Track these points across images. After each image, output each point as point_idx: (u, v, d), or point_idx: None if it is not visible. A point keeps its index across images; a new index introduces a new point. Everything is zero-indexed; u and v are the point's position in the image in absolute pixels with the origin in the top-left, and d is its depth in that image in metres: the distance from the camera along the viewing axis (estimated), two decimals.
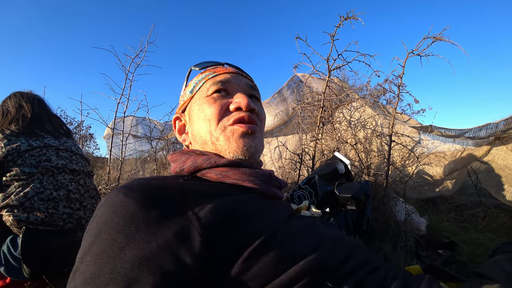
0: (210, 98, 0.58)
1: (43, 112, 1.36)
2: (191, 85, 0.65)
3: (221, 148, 0.55)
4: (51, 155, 1.20)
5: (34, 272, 1.05)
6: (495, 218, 2.35)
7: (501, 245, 0.63)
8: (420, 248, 1.62)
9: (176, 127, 0.68)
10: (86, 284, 0.32)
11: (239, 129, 0.55)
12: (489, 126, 2.06)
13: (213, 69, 0.64)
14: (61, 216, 1.14)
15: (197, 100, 0.60)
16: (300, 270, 0.40)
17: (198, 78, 0.64)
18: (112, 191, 0.41)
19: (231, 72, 0.63)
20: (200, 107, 0.59)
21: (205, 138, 0.57)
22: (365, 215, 1.42)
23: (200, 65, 0.66)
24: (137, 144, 4.76)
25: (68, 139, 1.37)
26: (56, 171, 1.19)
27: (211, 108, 0.56)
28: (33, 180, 1.12)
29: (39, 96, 1.44)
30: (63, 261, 1.10)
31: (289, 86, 3.64)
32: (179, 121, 0.68)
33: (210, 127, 0.56)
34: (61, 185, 1.18)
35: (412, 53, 1.81)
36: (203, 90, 0.60)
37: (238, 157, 0.54)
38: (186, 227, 0.37)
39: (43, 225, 1.10)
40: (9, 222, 1.07)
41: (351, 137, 2.44)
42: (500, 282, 0.47)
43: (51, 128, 1.33)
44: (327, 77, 2.08)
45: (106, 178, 3.09)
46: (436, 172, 2.69)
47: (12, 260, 1.06)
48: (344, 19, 1.86)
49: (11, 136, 1.15)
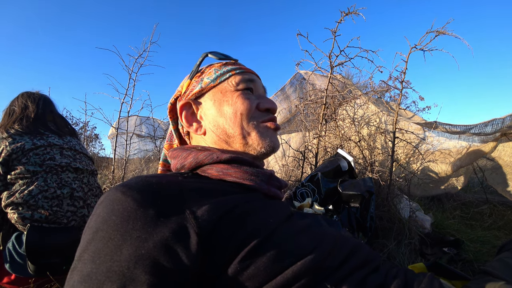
0: (242, 93, 0.59)
1: (47, 112, 1.38)
2: (211, 73, 0.62)
3: (251, 142, 0.57)
4: (55, 154, 1.21)
5: (38, 269, 1.06)
6: (502, 215, 2.32)
7: (507, 243, 0.61)
8: (424, 246, 1.60)
9: (183, 114, 0.62)
10: (83, 282, 0.33)
11: (271, 127, 0.59)
12: (495, 121, 2.03)
13: (235, 64, 0.63)
14: (65, 214, 1.16)
15: (224, 91, 0.59)
16: (298, 270, 0.40)
17: (221, 69, 0.62)
18: (110, 189, 0.41)
19: (253, 72, 0.65)
20: (230, 99, 0.58)
21: (232, 131, 0.57)
22: (369, 212, 1.41)
23: (217, 55, 0.64)
24: (141, 143, 4.80)
25: (73, 138, 1.39)
26: (60, 169, 1.20)
27: (245, 103, 0.57)
28: (37, 178, 1.13)
29: (46, 96, 1.45)
30: (67, 258, 1.11)
31: (291, 84, 3.63)
32: (188, 107, 0.62)
33: (241, 121, 0.57)
34: (65, 183, 1.19)
35: (415, 48, 1.78)
36: (230, 83, 0.59)
37: (265, 151, 0.57)
38: (183, 225, 0.37)
39: (47, 222, 1.11)
40: (14, 219, 1.08)
41: (354, 134, 2.42)
42: (506, 279, 0.46)
43: (55, 128, 1.34)
44: (329, 73, 2.06)
45: (110, 177, 3.12)
46: (441, 169, 2.66)
47: (17, 257, 1.08)
48: (345, 14, 1.84)
49: (15, 135, 1.17)
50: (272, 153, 0.59)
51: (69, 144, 1.31)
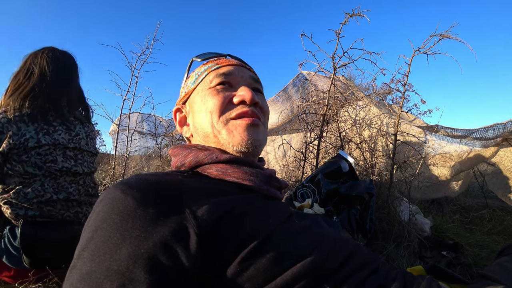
0: (213, 90, 0.57)
1: (65, 90, 1.26)
2: (193, 76, 0.64)
3: (223, 142, 0.55)
4: (57, 155, 1.16)
5: (33, 262, 1.06)
6: (501, 220, 2.32)
7: (506, 247, 0.61)
8: (423, 249, 1.60)
9: (177, 119, 0.67)
10: (82, 281, 0.32)
11: (243, 122, 0.55)
12: (497, 126, 2.03)
13: (216, 60, 0.63)
14: (59, 212, 1.15)
15: (200, 92, 0.60)
16: (297, 272, 0.40)
17: (201, 69, 0.63)
18: (110, 188, 0.41)
19: (234, 64, 0.62)
20: (202, 99, 0.58)
21: (206, 130, 0.57)
22: (369, 214, 1.41)
23: (202, 56, 0.65)
24: (142, 140, 4.80)
25: (83, 126, 1.30)
26: (59, 174, 1.16)
27: (214, 100, 0.56)
28: (35, 181, 1.10)
29: (74, 61, 1.34)
30: (62, 253, 1.10)
31: (294, 84, 3.62)
32: (179, 113, 0.67)
33: (212, 120, 0.56)
34: (61, 188, 1.16)
35: (419, 51, 1.78)
36: (206, 82, 0.60)
37: (241, 150, 0.54)
38: (182, 225, 0.37)
39: (41, 217, 1.10)
40: (7, 214, 1.08)
41: (356, 136, 2.42)
42: (504, 283, 0.46)
43: (67, 110, 1.24)
44: (332, 75, 2.06)
45: (111, 173, 3.12)
46: (442, 173, 2.65)
47: (12, 249, 1.08)
48: (349, 16, 1.84)
49: (21, 122, 1.09)
50: (254, 150, 0.55)
51: (75, 140, 1.23)
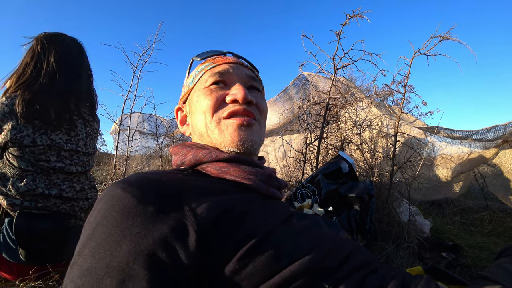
0: (207, 89, 0.58)
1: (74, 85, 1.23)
2: (191, 76, 0.65)
3: (216, 141, 0.55)
4: (51, 155, 1.15)
5: (29, 255, 1.06)
6: (501, 222, 2.31)
7: (506, 248, 0.62)
8: (423, 250, 1.60)
9: (178, 118, 0.68)
10: (83, 277, 0.33)
11: (234, 122, 0.54)
12: (497, 128, 2.03)
13: (213, 59, 0.63)
14: (54, 204, 1.15)
15: (196, 91, 0.60)
16: (296, 270, 0.40)
17: (198, 69, 0.64)
18: (110, 186, 0.41)
19: (231, 62, 0.62)
20: (197, 99, 0.59)
21: (201, 130, 0.58)
22: (369, 215, 1.41)
23: (201, 55, 0.65)
24: (143, 140, 4.80)
25: (85, 125, 1.28)
26: (52, 171, 1.16)
27: (207, 100, 0.56)
28: (27, 175, 1.11)
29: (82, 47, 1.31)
30: (57, 245, 1.11)
31: (295, 85, 3.62)
32: (181, 112, 0.68)
33: (205, 120, 0.56)
34: (53, 185, 1.16)
35: (419, 52, 1.78)
36: (201, 82, 0.60)
37: (233, 150, 0.54)
38: (182, 222, 0.37)
39: (37, 209, 1.11)
40: (4, 205, 1.09)
41: (356, 137, 2.42)
42: (503, 283, 0.46)
43: (74, 107, 1.22)
44: (333, 76, 2.07)
45: (112, 173, 3.13)
46: (442, 174, 2.65)
47: (10, 242, 1.08)
48: (350, 17, 1.84)
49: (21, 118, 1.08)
50: (247, 150, 0.55)
51: (73, 141, 1.22)
